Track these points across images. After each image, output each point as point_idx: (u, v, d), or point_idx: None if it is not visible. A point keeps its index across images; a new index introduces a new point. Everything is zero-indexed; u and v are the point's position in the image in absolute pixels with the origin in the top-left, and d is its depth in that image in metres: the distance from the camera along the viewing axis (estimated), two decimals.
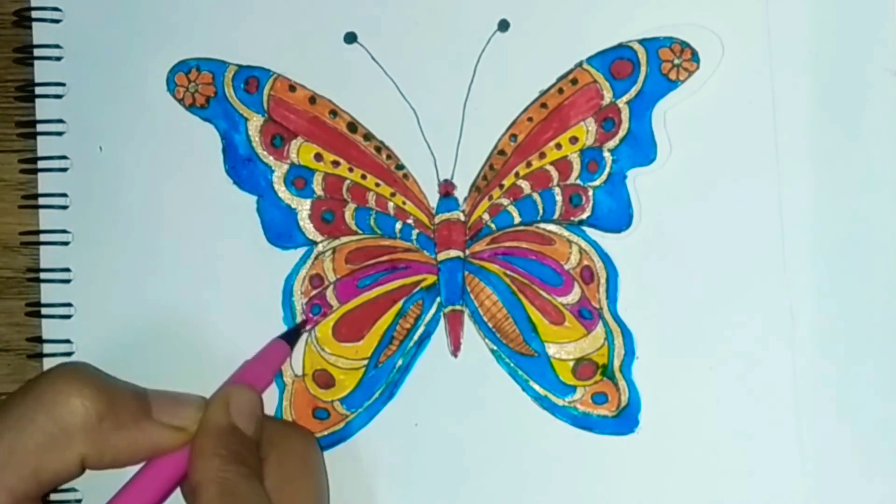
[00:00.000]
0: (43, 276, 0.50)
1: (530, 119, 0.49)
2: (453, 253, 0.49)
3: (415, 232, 0.49)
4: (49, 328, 0.50)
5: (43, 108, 0.50)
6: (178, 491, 0.45)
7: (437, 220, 0.49)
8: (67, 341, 0.49)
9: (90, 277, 0.50)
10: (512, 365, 0.49)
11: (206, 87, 0.50)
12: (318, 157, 0.50)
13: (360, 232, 0.50)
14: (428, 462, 0.49)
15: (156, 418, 0.45)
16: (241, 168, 0.50)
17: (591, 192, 0.49)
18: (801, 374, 0.48)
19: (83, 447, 0.43)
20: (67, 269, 0.50)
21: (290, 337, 0.49)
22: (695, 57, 0.48)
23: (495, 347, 0.49)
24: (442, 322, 0.49)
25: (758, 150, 0.48)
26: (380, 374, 0.49)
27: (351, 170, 0.50)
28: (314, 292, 0.49)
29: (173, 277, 0.50)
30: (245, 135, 0.50)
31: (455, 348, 0.49)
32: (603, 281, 0.49)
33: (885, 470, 0.48)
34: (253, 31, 0.50)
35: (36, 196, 0.50)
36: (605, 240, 0.49)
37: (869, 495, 0.48)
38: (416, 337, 0.49)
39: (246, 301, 0.49)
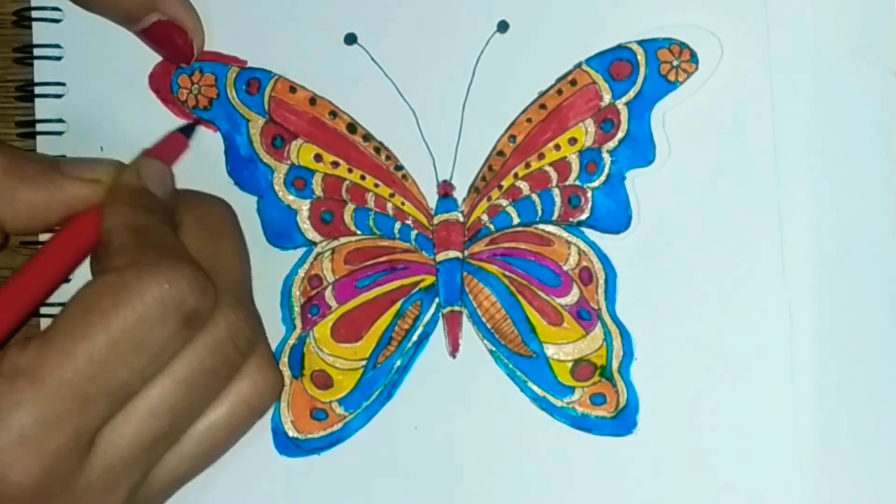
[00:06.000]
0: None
1: (529, 120, 0.49)
2: (452, 254, 0.49)
3: (413, 232, 0.49)
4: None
5: (43, 108, 0.50)
6: None
7: (435, 220, 0.49)
8: None
9: (89, 277, 0.50)
10: (510, 366, 0.49)
11: (208, 88, 0.50)
12: (318, 157, 0.50)
13: (359, 232, 0.50)
14: (426, 462, 0.49)
15: (68, 173, 0.44)
16: (242, 169, 0.50)
17: (589, 194, 0.49)
18: (799, 374, 0.47)
19: None
20: None
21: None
22: (693, 58, 0.48)
23: (494, 348, 0.49)
24: (440, 323, 0.49)
25: (757, 151, 0.48)
26: (378, 375, 0.49)
27: (350, 170, 0.50)
28: (313, 293, 0.49)
29: None
30: (246, 136, 0.50)
31: (454, 349, 0.49)
32: (601, 282, 0.49)
33: (884, 470, 0.47)
34: (254, 32, 0.50)
35: None
36: (604, 241, 0.49)
37: (868, 495, 0.47)
38: (414, 338, 0.49)
39: None
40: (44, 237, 0.49)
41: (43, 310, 0.49)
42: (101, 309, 0.40)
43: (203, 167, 0.50)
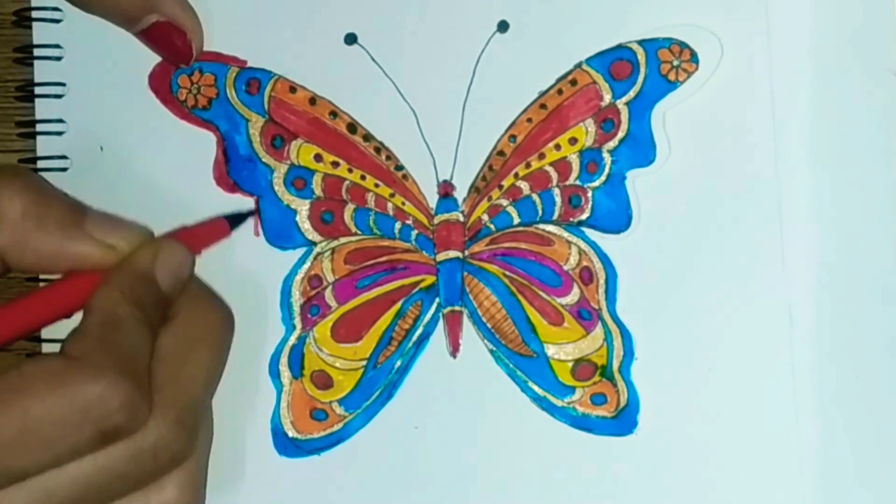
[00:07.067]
0: (41, 274, 0.50)
1: (529, 120, 0.49)
2: (452, 254, 0.49)
3: (414, 232, 0.49)
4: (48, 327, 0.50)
5: (43, 108, 0.50)
6: None
7: (436, 220, 0.49)
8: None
9: None
10: (511, 366, 0.49)
11: (208, 88, 0.50)
12: (318, 157, 0.50)
13: (359, 232, 0.50)
14: (426, 462, 0.49)
15: (87, 231, 0.44)
16: (242, 168, 0.50)
17: (590, 193, 0.49)
18: (799, 374, 0.48)
19: (1, 240, 0.42)
20: None
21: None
22: (694, 58, 0.48)
23: (494, 348, 0.49)
24: (441, 323, 0.49)
25: (757, 150, 0.48)
26: (378, 375, 0.49)
27: (350, 170, 0.50)
28: (313, 293, 0.49)
29: None
30: (246, 136, 0.50)
31: (454, 349, 0.49)
32: (602, 282, 0.49)
33: (884, 470, 0.47)
34: (254, 32, 0.50)
35: None
36: (605, 241, 0.49)
37: (868, 495, 0.48)
38: (414, 338, 0.49)
39: (245, 301, 0.49)
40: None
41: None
42: (30, 392, 0.40)
43: (201, 167, 0.50)
